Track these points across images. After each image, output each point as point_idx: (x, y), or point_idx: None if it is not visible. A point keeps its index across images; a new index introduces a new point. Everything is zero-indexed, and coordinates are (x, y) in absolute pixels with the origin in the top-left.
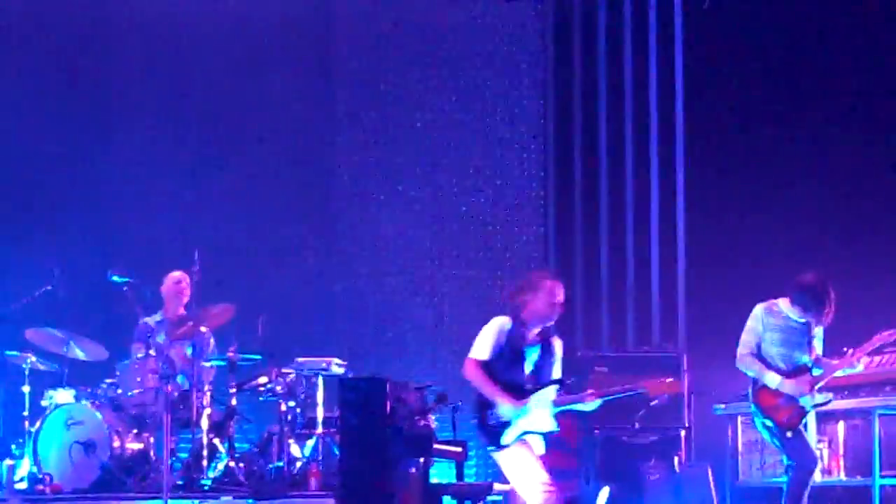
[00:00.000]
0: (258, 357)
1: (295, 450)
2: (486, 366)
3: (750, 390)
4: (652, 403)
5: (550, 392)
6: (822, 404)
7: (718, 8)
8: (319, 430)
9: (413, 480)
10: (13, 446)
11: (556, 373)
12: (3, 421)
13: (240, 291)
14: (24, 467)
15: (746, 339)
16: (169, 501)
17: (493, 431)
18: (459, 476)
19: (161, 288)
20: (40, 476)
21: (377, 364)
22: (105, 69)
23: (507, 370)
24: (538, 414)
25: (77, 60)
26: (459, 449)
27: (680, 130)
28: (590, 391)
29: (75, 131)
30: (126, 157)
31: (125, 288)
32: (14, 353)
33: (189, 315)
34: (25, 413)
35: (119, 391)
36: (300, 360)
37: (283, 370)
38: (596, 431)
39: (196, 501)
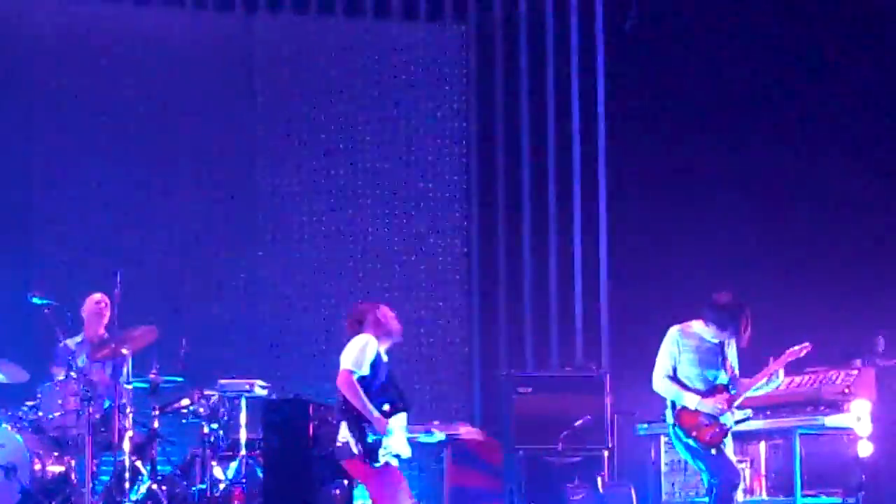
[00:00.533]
0: (180, 379)
1: (218, 472)
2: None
3: (669, 412)
4: (576, 424)
5: (403, 418)
6: (742, 421)
7: (640, 30)
8: (243, 452)
9: (337, 502)
10: None
11: None
12: None
13: (162, 313)
14: None
15: (662, 362)
16: None
17: (371, 447)
18: None
19: (81, 309)
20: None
21: (301, 386)
22: (30, 84)
23: (381, 388)
24: (398, 437)
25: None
26: None
27: (602, 152)
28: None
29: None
30: (48, 177)
31: (46, 310)
32: None
33: (111, 337)
34: None
35: (40, 413)
36: (223, 381)
37: (206, 392)
38: (520, 452)
39: None
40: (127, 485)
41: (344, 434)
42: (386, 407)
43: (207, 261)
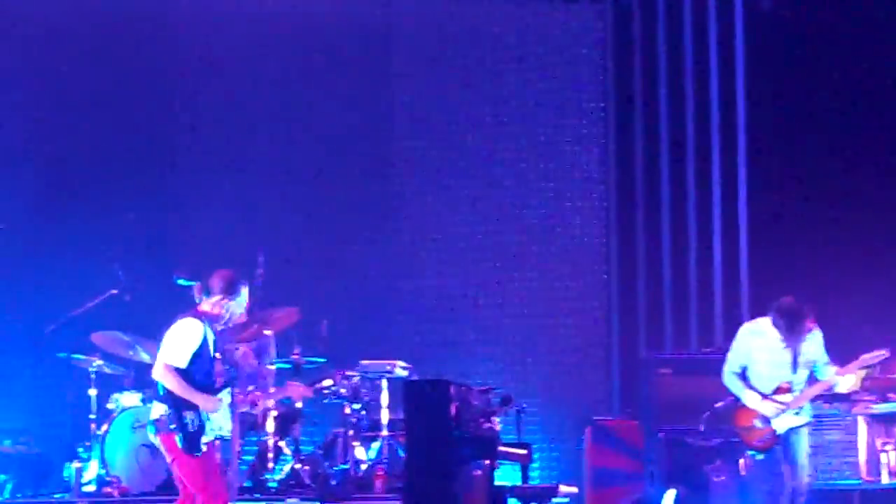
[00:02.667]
0: (322, 360)
1: (360, 452)
2: (182, 371)
3: (728, 407)
4: (717, 405)
5: (226, 395)
6: (798, 427)
7: (779, 8)
8: (384, 432)
9: (478, 482)
10: (80, 449)
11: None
12: (71, 424)
13: (303, 294)
14: (92, 470)
15: (731, 358)
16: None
17: (192, 435)
18: (524, 478)
19: None
20: (108, 479)
21: (440, 366)
22: (169, 72)
23: (202, 371)
24: (221, 417)
25: (141, 63)
26: (524, 451)
27: (741, 133)
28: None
29: (140, 134)
30: (190, 160)
31: (190, 292)
32: (80, 356)
33: (254, 318)
34: (92, 416)
35: None
36: (364, 362)
37: (348, 373)
38: (660, 434)
39: (263, 503)
40: (270, 465)
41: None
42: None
43: (347, 242)
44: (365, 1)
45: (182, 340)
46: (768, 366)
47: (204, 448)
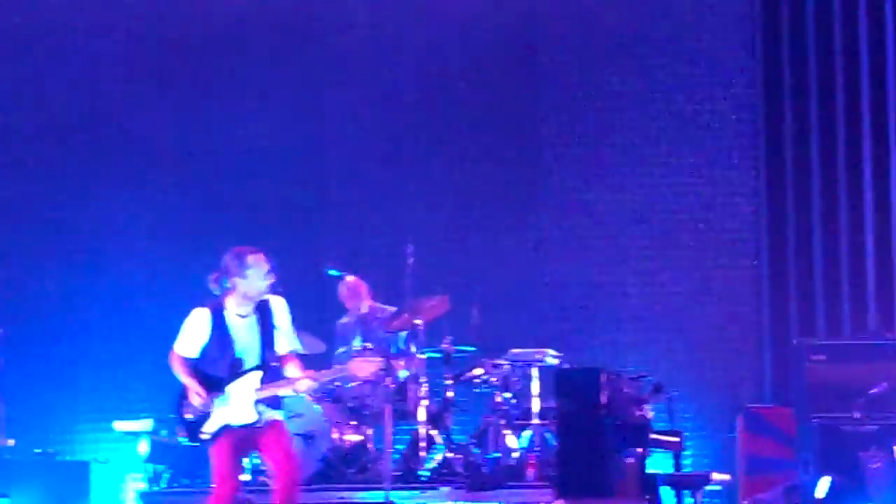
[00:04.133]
0: (472, 349)
1: (511, 441)
2: (189, 360)
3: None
4: (872, 391)
5: (253, 379)
6: None
7: None
8: (535, 421)
9: (630, 470)
10: None
11: (282, 347)
12: None
13: (453, 283)
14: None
15: None
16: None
17: (190, 424)
18: (677, 466)
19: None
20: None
21: (589, 355)
22: (317, 66)
23: (213, 361)
24: (238, 404)
25: (295, 53)
26: (676, 438)
27: (892, 111)
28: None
29: (294, 127)
30: (340, 152)
31: (340, 282)
32: None
33: (404, 307)
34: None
35: (337, 384)
36: (514, 351)
37: (498, 361)
38: (814, 420)
39: (416, 492)
40: (422, 454)
41: None
42: None
43: (495, 229)
44: None
45: (186, 330)
46: None
47: (205, 437)
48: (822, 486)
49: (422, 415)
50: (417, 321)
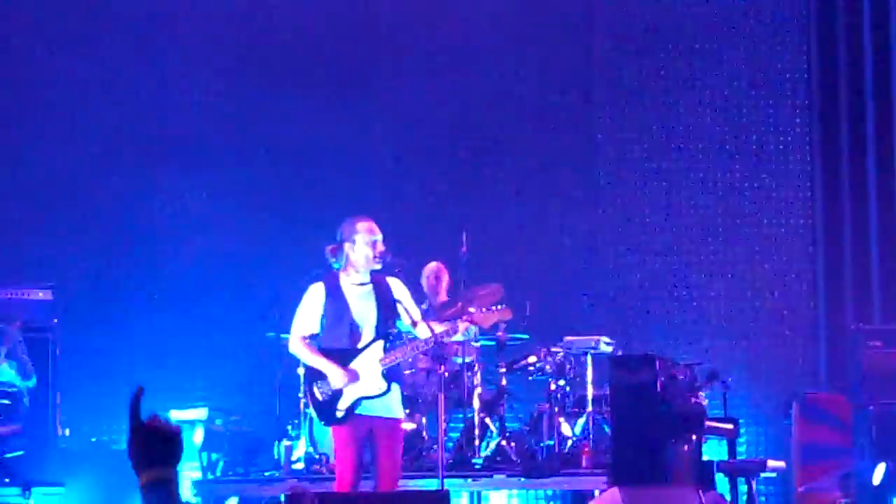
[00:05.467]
0: (526, 336)
1: (565, 428)
2: (313, 338)
3: None
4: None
5: (376, 350)
6: None
7: None
8: (590, 408)
9: (685, 457)
10: (290, 427)
11: (405, 319)
12: (280, 403)
13: (507, 271)
14: (301, 448)
15: None
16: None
17: (323, 406)
18: (731, 453)
19: (421, 280)
20: (317, 456)
21: (644, 342)
22: (370, 59)
23: (333, 331)
24: (366, 377)
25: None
26: (731, 426)
27: None
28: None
29: (343, 123)
30: (392, 143)
31: (396, 270)
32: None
33: (458, 296)
34: (301, 395)
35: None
36: (568, 339)
37: (552, 349)
38: (870, 407)
39: (469, 480)
40: (477, 441)
41: None
42: None
43: (550, 218)
44: None
45: (303, 306)
46: None
47: (340, 413)
48: (879, 473)
49: (476, 403)
50: (472, 309)
